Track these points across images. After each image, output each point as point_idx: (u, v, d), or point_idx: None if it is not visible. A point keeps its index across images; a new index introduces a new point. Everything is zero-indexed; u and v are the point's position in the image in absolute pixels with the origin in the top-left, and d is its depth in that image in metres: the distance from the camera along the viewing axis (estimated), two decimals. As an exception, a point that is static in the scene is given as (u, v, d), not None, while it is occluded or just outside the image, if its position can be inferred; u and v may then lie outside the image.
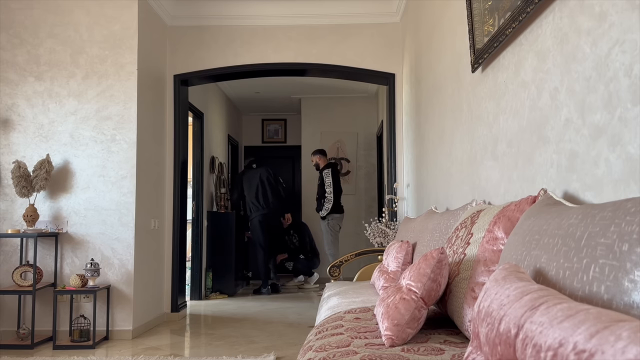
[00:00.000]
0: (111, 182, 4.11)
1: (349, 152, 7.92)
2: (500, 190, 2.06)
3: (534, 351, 0.72)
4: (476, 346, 0.99)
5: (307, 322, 4.54)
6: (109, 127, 4.14)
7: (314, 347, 1.50)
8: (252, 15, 4.95)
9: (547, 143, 1.61)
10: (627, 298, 0.78)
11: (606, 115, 1.26)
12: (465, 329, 1.43)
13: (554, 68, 1.56)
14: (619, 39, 1.20)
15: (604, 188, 1.27)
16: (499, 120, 2.06)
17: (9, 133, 4.13)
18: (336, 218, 6.59)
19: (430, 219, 2.67)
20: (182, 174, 5.00)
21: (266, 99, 8.18)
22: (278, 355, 3.45)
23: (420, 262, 1.54)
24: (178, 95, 4.95)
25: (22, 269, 3.83)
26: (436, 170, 3.33)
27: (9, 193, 4.07)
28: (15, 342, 3.81)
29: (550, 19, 1.59)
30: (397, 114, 4.93)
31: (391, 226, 4.50)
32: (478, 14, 2.25)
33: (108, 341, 3.95)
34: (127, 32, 4.18)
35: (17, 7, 4.18)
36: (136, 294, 4.11)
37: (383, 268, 2.77)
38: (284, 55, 4.97)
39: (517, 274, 0.98)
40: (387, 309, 1.48)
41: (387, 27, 4.98)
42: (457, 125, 2.75)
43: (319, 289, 6.75)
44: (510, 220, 1.43)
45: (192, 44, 4.98)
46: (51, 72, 4.16)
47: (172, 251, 4.84)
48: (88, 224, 4.09)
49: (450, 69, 2.88)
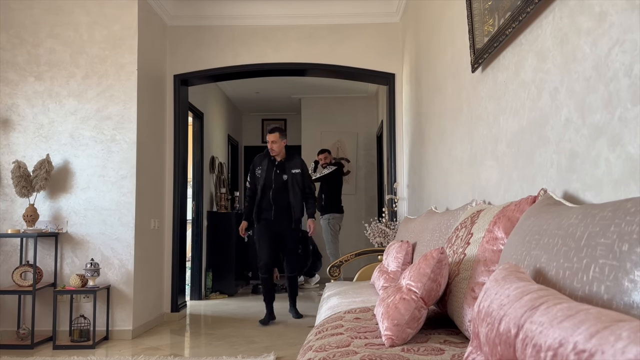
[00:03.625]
0: (111, 182, 4.11)
1: (349, 152, 7.92)
2: (500, 190, 2.06)
3: (534, 351, 0.72)
4: (476, 346, 0.99)
5: (307, 322, 4.54)
6: (109, 127, 4.14)
7: (314, 347, 1.50)
8: (252, 15, 4.95)
9: (547, 143, 1.60)
10: (627, 298, 0.78)
11: (606, 115, 1.26)
12: (465, 329, 1.43)
13: (554, 68, 1.56)
14: (619, 39, 1.20)
15: (604, 188, 1.27)
16: (499, 120, 2.06)
17: (9, 133, 4.13)
18: (336, 218, 6.61)
19: (430, 219, 2.67)
20: (182, 174, 5.00)
21: (266, 99, 8.19)
22: (278, 355, 3.45)
23: (420, 262, 1.54)
24: (178, 95, 4.95)
25: (22, 269, 3.83)
26: (436, 170, 3.33)
27: (9, 193, 4.07)
28: (15, 342, 3.81)
29: (550, 19, 1.58)
30: (397, 114, 4.94)
31: (391, 226, 4.50)
32: (478, 14, 2.25)
33: (108, 341, 3.95)
34: (127, 32, 4.18)
35: (17, 7, 4.18)
36: (136, 294, 4.11)
37: (383, 268, 2.77)
38: (284, 55, 4.97)
39: (517, 274, 0.98)
40: (387, 309, 1.48)
41: (387, 27, 4.98)
42: (457, 125, 2.75)
43: (319, 288, 6.75)
44: (510, 220, 1.43)
45: (192, 44, 4.98)
46: (51, 72, 4.16)
47: (172, 251, 4.84)
48: (88, 224, 4.09)
49: (451, 68, 2.88)
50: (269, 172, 4.70)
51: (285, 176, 4.71)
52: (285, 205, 4.67)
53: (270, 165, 4.73)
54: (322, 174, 6.61)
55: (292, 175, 4.71)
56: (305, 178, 4.79)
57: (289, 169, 4.73)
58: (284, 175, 4.72)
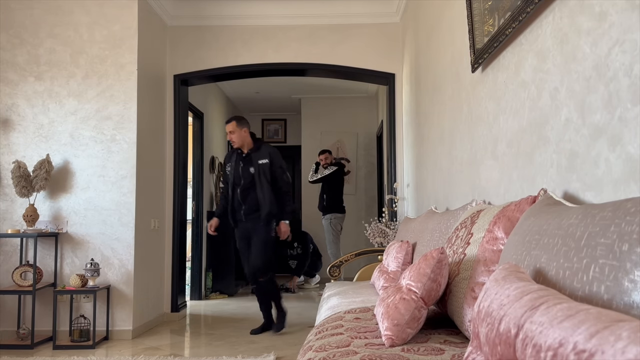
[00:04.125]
0: (111, 182, 4.11)
1: (349, 152, 7.92)
2: (500, 190, 2.06)
3: (534, 351, 0.72)
4: (476, 346, 0.99)
5: (307, 322, 4.54)
6: (109, 127, 4.14)
7: (314, 347, 1.50)
8: (252, 15, 4.95)
9: (547, 143, 1.60)
10: (627, 298, 0.78)
11: (606, 115, 1.26)
12: (465, 329, 1.43)
13: (554, 68, 1.56)
14: (619, 39, 1.20)
15: (604, 188, 1.27)
16: (499, 120, 2.06)
17: (9, 133, 4.13)
18: (338, 217, 6.61)
19: (430, 219, 2.67)
20: (182, 174, 5.00)
21: (266, 99, 8.19)
22: (278, 355, 3.45)
23: (420, 262, 1.54)
24: (178, 95, 4.95)
25: (22, 269, 3.83)
26: (436, 170, 3.33)
27: (9, 193, 4.07)
28: (15, 342, 3.81)
29: (550, 19, 1.58)
30: (397, 114, 4.94)
31: (391, 226, 4.49)
32: (478, 14, 2.25)
33: (108, 341, 3.95)
34: (127, 32, 4.18)
35: (17, 7, 4.18)
36: (136, 294, 4.11)
37: (383, 268, 2.77)
38: (284, 55, 4.97)
39: (517, 274, 0.98)
40: (387, 309, 1.48)
41: (387, 27, 4.98)
42: (457, 125, 2.75)
43: (319, 288, 6.75)
44: (510, 220, 1.43)
45: (192, 44, 4.98)
46: (51, 72, 4.16)
47: (172, 251, 4.84)
48: (88, 224, 4.09)
49: (450, 68, 2.88)
50: (236, 167, 4.21)
51: (252, 169, 4.15)
52: (255, 203, 4.13)
53: (238, 159, 4.23)
54: (323, 175, 6.62)
55: (259, 166, 4.13)
56: (275, 169, 4.17)
57: (256, 160, 4.16)
58: (250, 168, 4.16)
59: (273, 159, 4.18)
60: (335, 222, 6.60)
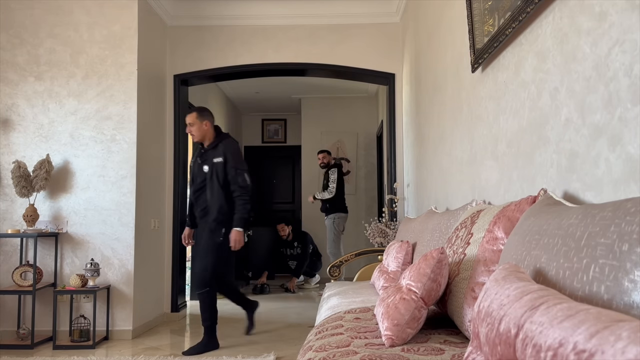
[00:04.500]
0: (111, 182, 4.11)
1: (349, 152, 7.92)
2: (500, 190, 2.06)
3: (534, 351, 0.72)
4: (476, 346, 0.99)
5: (307, 322, 4.54)
6: (109, 127, 4.14)
7: (314, 347, 1.50)
8: (252, 15, 4.95)
9: (547, 143, 1.60)
10: (627, 298, 0.78)
11: (606, 115, 1.26)
12: (465, 329, 1.43)
13: (554, 68, 1.56)
14: (619, 39, 1.20)
15: (604, 188, 1.27)
16: (499, 120, 2.06)
17: (9, 133, 4.13)
18: (341, 217, 6.61)
19: (430, 219, 2.67)
20: (182, 174, 5.00)
21: (266, 99, 8.19)
22: (278, 355, 3.45)
23: (420, 262, 1.54)
24: (178, 95, 4.95)
25: (22, 269, 3.83)
26: (436, 170, 3.33)
27: (9, 193, 4.07)
28: (15, 342, 3.81)
29: (550, 19, 1.58)
30: (397, 114, 4.94)
31: (391, 226, 4.49)
32: (478, 14, 2.25)
33: (108, 341, 3.95)
34: (127, 32, 4.18)
35: (17, 7, 4.18)
36: (136, 294, 4.11)
37: (383, 268, 2.77)
38: (284, 55, 4.97)
39: (517, 274, 0.98)
40: (387, 309, 1.48)
41: (387, 27, 4.98)
42: (457, 125, 2.75)
43: (319, 288, 6.75)
44: (510, 220, 1.43)
45: (192, 44, 4.98)
46: (51, 72, 4.16)
47: (172, 251, 4.84)
48: (88, 224, 4.09)
49: (450, 68, 2.88)
50: (194, 165, 3.75)
51: (206, 167, 3.65)
52: (205, 207, 3.67)
53: (196, 155, 3.80)
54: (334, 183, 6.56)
55: (213, 165, 3.61)
56: (229, 169, 3.59)
57: (211, 158, 3.64)
58: (205, 167, 3.66)
59: (228, 157, 3.61)
60: (338, 222, 6.59)
